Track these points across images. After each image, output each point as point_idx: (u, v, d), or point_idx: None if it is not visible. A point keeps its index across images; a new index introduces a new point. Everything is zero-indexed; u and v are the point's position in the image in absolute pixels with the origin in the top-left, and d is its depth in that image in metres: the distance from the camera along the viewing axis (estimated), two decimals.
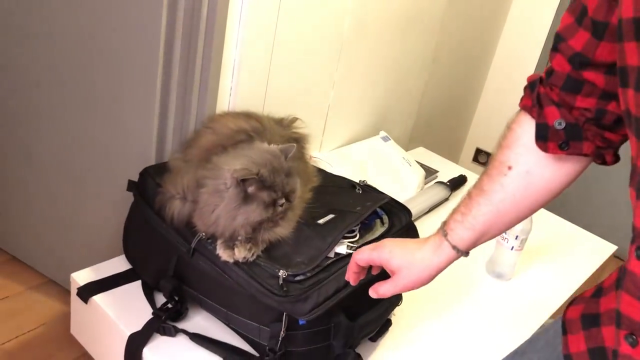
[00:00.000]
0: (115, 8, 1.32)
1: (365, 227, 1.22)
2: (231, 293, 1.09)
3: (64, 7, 1.41)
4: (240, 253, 1.05)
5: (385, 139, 1.96)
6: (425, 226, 1.12)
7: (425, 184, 1.90)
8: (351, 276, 0.92)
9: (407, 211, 1.30)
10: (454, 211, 0.85)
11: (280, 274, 1.03)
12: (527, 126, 0.79)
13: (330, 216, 1.18)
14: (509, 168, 0.80)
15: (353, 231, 1.17)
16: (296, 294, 1.01)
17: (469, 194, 0.84)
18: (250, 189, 1.04)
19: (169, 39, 1.28)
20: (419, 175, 1.87)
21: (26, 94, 1.59)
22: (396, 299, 1.24)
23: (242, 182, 1.02)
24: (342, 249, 1.13)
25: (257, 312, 1.07)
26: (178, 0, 1.25)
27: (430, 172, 1.98)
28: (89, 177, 1.55)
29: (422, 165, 1.97)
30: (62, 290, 1.72)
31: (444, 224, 0.85)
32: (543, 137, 0.77)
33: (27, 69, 1.56)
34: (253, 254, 1.06)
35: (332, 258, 1.10)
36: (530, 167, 0.79)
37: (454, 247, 0.82)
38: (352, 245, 1.14)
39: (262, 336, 1.07)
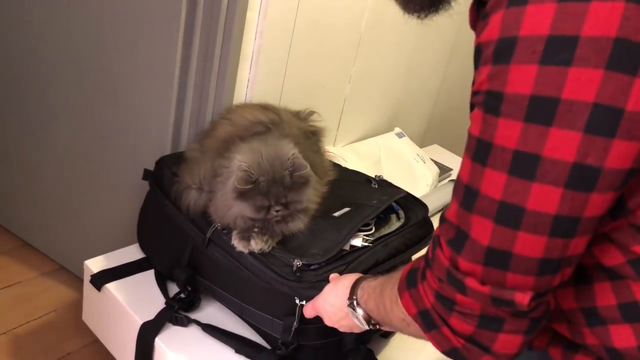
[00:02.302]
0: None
1: (381, 221, 1.22)
2: (245, 284, 1.08)
3: (80, 3, 1.41)
4: (257, 244, 1.05)
5: (399, 135, 1.95)
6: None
7: (439, 182, 1.89)
8: None
9: (423, 206, 1.29)
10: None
11: (295, 262, 1.03)
12: None
13: (346, 209, 1.18)
14: None
15: (369, 224, 1.17)
16: (310, 280, 1.01)
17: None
18: (246, 189, 1.03)
19: (188, 29, 1.28)
20: (433, 172, 1.86)
21: (43, 84, 1.59)
22: None
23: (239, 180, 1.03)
24: (357, 241, 1.12)
25: (270, 304, 1.07)
26: None
27: (444, 170, 1.97)
28: (104, 165, 1.55)
29: (436, 162, 1.95)
30: (74, 277, 1.73)
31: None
32: None
33: (44, 58, 1.56)
34: (269, 246, 1.06)
35: (347, 250, 1.10)
36: None
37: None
38: (367, 238, 1.13)
39: (275, 329, 1.07)
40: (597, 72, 0.50)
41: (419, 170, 1.85)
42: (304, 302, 1.01)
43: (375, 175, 1.39)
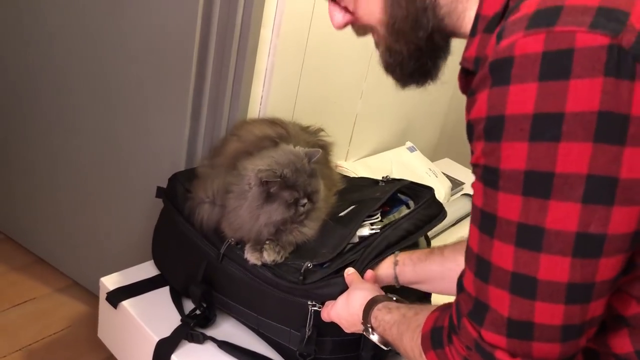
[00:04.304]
0: (149, 14, 1.34)
1: (390, 214, 1.23)
2: (261, 297, 1.09)
3: (97, 12, 1.43)
4: (270, 256, 1.05)
5: (411, 149, 1.95)
6: (451, 240, 1.12)
7: (451, 196, 1.89)
8: None
9: (428, 188, 1.29)
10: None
11: (305, 265, 1.03)
12: None
13: (352, 207, 1.19)
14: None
15: (374, 215, 1.17)
16: (321, 278, 1.02)
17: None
18: (273, 189, 1.04)
19: (203, 46, 1.29)
20: (445, 186, 1.86)
21: (58, 100, 1.61)
22: None
23: (266, 182, 1.03)
24: (364, 231, 1.12)
25: (287, 316, 1.07)
26: (213, 8, 1.26)
27: (456, 184, 1.96)
28: (120, 182, 1.56)
29: (448, 176, 1.95)
30: (88, 293, 1.73)
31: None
32: None
33: (58, 73, 1.58)
34: (282, 256, 1.06)
35: (356, 242, 1.10)
36: None
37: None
38: (374, 226, 1.13)
39: (292, 340, 1.06)
40: (586, 145, 0.51)
41: (431, 185, 1.84)
42: (317, 307, 1.01)
43: (383, 176, 1.39)
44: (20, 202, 1.85)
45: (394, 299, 0.87)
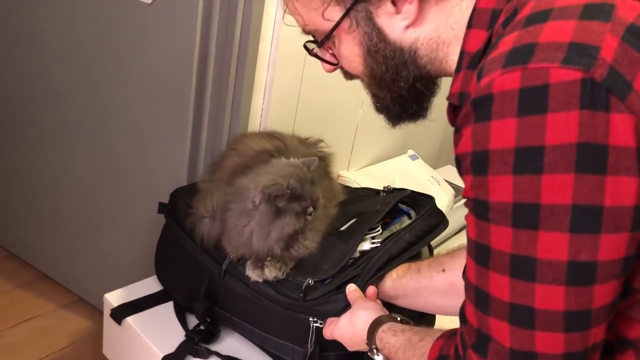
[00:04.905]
0: (149, 30, 1.34)
1: (392, 225, 1.22)
2: (264, 313, 1.08)
3: (98, 29, 1.44)
4: (271, 272, 1.05)
5: (413, 157, 1.95)
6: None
7: (454, 204, 1.88)
8: None
9: (428, 197, 1.29)
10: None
11: (306, 282, 1.03)
12: None
13: (352, 221, 1.19)
14: (443, 270, 0.99)
15: (375, 228, 1.17)
16: (322, 295, 1.01)
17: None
18: (282, 203, 1.04)
19: (202, 61, 1.30)
20: (448, 194, 1.85)
21: (63, 118, 1.62)
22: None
23: (274, 198, 1.03)
24: (365, 245, 1.12)
25: (290, 332, 1.06)
26: (211, 23, 1.27)
27: (459, 192, 1.96)
28: (122, 197, 1.56)
29: (451, 184, 1.95)
30: (92, 309, 1.73)
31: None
32: None
33: (60, 90, 1.59)
34: (283, 272, 1.06)
35: (357, 257, 1.10)
36: (458, 283, 0.88)
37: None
38: (375, 240, 1.13)
39: (296, 356, 1.06)
40: (569, 176, 0.52)
41: (434, 193, 1.84)
42: (318, 323, 1.01)
43: (384, 186, 1.39)
44: (23, 219, 1.86)
45: (399, 319, 0.87)
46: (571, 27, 0.53)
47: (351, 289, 0.99)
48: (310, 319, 1.01)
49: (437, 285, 1.00)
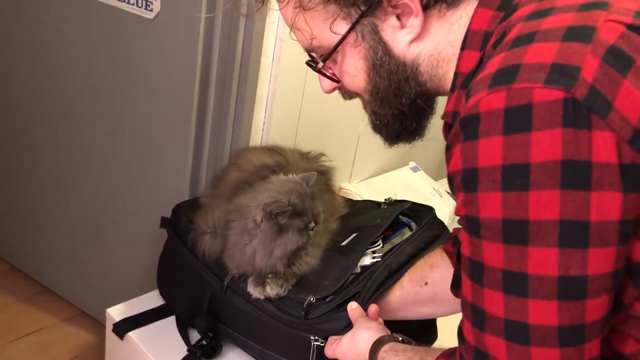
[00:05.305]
0: (151, 45, 1.35)
1: (391, 238, 1.22)
2: (265, 329, 1.08)
3: (101, 43, 1.44)
4: (273, 290, 1.05)
5: (414, 169, 1.96)
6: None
7: (455, 215, 1.88)
8: None
9: (428, 208, 1.29)
10: None
11: (307, 299, 1.03)
12: (446, 264, 0.98)
13: (353, 235, 1.19)
14: (426, 284, 1.01)
15: (375, 242, 1.17)
16: (324, 313, 1.01)
17: None
18: (283, 220, 1.04)
19: (204, 76, 1.31)
20: (449, 206, 1.85)
21: (62, 130, 1.62)
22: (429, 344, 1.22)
23: (275, 215, 1.03)
24: (366, 260, 1.12)
25: (291, 350, 1.06)
26: (213, 38, 1.28)
27: None
28: (125, 212, 1.57)
29: (452, 195, 1.95)
30: (95, 323, 1.73)
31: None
32: (456, 285, 0.86)
33: (62, 104, 1.59)
34: (285, 290, 1.06)
35: (358, 272, 1.10)
36: (443, 291, 0.92)
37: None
38: (375, 255, 1.13)
39: None
40: (554, 192, 0.53)
41: (435, 204, 1.84)
42: (319, 342, 1.01)
43: (386, 199, 1.39)
44: (25, 232, 1.86)
45: (400, 339, 0.87)
46: (554, 49, 0.55)
47: (353, 307, 0.99)
48: (312, 337, 1.01)
49: (422, 298, 1.03)
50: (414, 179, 1.91)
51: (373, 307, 1.01)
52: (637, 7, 0.59)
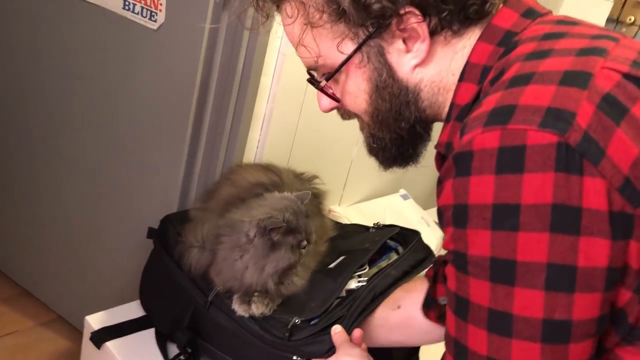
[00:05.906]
0: (153, 56, 1.36)
1: (378, 261, 1.22)
2: (247, 348, 1.07)
3: (103, 52, 1.44)
4: (258, 308, 1.04)
5: (404, 197, 1.96)
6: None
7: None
8: None
9: (414, 232, 1.30)
10: None
11: (291, 321, 1.02)
12: (423, 288, 0.98)
13: (341, 258, 1.19)
14: (399, 307, 1.01)
15: (362, 266, 1.17)
16: (308, 335, 1.00)
17: None
18: (277, 237, 1.04)
19: (203, 90, 1.31)
20: (436, 236, 1.86)
21: (54, 137, 1.61)
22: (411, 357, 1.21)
23: (269, 231, 1.03)
24: (352, 284, 1.12)
25: None
26: (215, 53, 1.28)
27: None
28: (111, 219, 1.55)
29: (440, 226, 1.95)
30: (72, 329, 1.70)
31: None
32: (427, 305, 0.93)
33: (54, 113, 1.59)
34: (270, 309, 1.05)
35: (344, 296, 1.09)
36: (414, 316, 0.95)
37: None
38: (361, 278, 1.13)
39: None
40: (544, 235, 0.53)
41: (423, 234, 1.85)
42: None
43: (374, 223, 1.40)
44: (8, 233, 1.83)
45: None
46: (550, 92, 0.55)
47: (336, 330, 0.98)
48: (294, 358, 1.00)
49: (392, 322, 1.02)
50: (403, 206, 1.92)
51: (357, 332, 1.00)
52: (635, 56, 0.60)
